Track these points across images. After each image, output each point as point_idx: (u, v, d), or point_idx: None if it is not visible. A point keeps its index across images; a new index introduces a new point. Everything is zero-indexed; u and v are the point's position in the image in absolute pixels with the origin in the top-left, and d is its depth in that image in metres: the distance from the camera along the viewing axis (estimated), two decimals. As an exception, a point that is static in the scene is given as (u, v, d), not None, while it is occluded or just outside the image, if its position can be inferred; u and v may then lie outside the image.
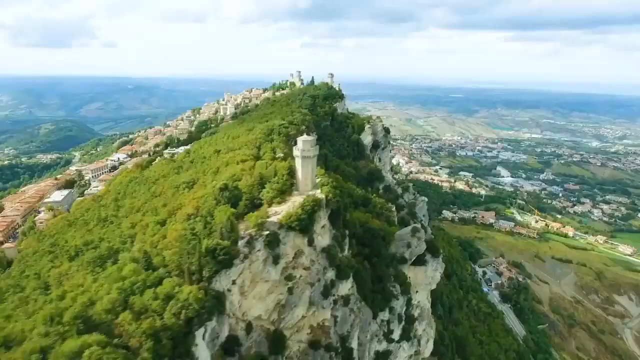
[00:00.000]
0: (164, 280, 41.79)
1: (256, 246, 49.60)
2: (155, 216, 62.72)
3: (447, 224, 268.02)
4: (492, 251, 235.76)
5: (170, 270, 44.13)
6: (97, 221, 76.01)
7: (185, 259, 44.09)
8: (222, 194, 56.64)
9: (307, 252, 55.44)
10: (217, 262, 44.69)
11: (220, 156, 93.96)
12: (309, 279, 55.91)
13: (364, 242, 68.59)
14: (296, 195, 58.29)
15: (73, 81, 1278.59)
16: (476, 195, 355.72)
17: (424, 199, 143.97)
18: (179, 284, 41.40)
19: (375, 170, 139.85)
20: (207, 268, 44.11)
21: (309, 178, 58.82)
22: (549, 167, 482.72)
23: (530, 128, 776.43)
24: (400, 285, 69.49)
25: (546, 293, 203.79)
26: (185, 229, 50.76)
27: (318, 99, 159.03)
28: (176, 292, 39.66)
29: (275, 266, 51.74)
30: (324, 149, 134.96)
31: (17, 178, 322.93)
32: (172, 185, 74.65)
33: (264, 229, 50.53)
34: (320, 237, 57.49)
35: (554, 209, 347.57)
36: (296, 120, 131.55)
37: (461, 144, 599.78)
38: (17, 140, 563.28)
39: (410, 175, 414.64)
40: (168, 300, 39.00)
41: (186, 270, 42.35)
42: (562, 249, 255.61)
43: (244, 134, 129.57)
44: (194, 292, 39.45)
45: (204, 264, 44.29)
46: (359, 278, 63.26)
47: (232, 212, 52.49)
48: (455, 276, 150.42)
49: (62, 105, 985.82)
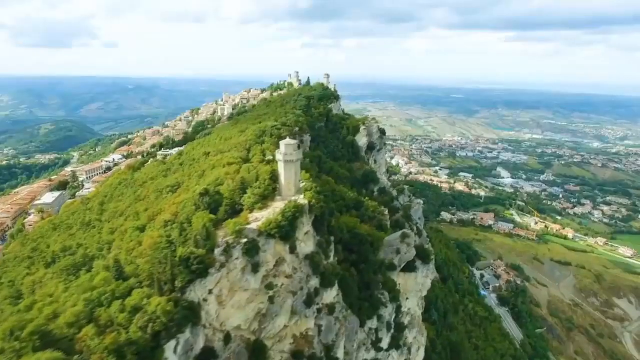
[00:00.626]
0: (133, 291, 40.15)
1: (234, 254, 47.83)
2: (136, 221, 61.05)
3: (446, 226, 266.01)
4: (490, 253, 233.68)
5: (142, 280, 42.48)
6: (80, 225, 74.39)
7: (156, 268, 42.41)
8: (202, 199, 54.96)
9: (288, 260, 53.66)
10: (191, 271, 42.97)
11: (208, 158, 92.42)
12: (291, 287, 54.11)
13: (351, 248, 66.79)
14: (279, 201, 56.53)
15: (73, 81, 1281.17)
16: (475, 196, 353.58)
17: (419, 202, 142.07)
18: (149, 295, 39.70)
19: (369, 172, 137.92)
20: (179, 278, 42.41)
21: (292, 183, 57.05)
22: (549, 167, 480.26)
23: (531, 128, 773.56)
24: (388, 293, 67.66)
25: (544, 296, 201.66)
26: (161, 236, 49.06)
27: (313, 99, 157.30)
28: (144, 304, 37.97)
29: (254, 274, 49.98)
30: (317, 151, 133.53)
31: (14, 178, 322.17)
32: (156, 189, 72.89)
33: (242, 236, 48.76)
34: (303, 243, 55.73)
35: (554, 210, 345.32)
36: (289, 122, 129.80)
37: (461, 145, 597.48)
38: (17, 140, 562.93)
39: (410, 176, 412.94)
40: (135, 313, 37.34)
41: (156, 280, 40.59)
42: (561, 251, 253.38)
43: (235, 136, 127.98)
44: (162, 304, 37.73)
45: (176, 273, 42.60)
46: (345, 285, 61.46)
47: (209, 219, 50.84)
48: (452, 279, 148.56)
49: (63, 105, 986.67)
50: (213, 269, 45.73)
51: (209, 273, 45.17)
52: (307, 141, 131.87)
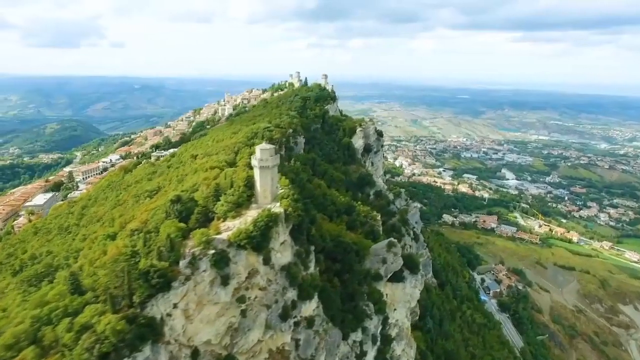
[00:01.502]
0: (86, 307, 37.68)
1: (201, 266, 45.32)
2: (109, 228, 58.67)
3: (447, 229, 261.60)
4: (492, 257, 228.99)
5: (99, 295, 40.02)
6: (58, 230, 72.16)
7: (113, 282, 39.93)
8: (173, 207, 52.45)
9: (262, 272, 51.02)
10: (150, 286, 40.45)
11: (194, 162, 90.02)
12: (265, 301, 51.49)
13: (335, 257, 63.98)
14: (254, 209, 53.89)
15: (81, 81, 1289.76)
16: (479, 198, 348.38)
17: (416, 205, 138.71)
18: (102, 312, 37.22)
19: (365, 175, 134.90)
20: (138, 293, 39.89)
21: (269, 190, 54.34)
22: (555, 169, 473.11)
23: (538, 130, 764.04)
24: (374, 304, 64.73)
25: (547, 302, 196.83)
26: (126, 246, 46.68)
27: (309, 100, 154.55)
28: (94, 323, 35.46)
29: (224, 287, 47.45)
30: (312, 153, 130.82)
31: (17, 178, 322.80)
32: (136, 194, 70.51)
33: (211, 247, 46.22)
34: (279, 254, 53.04)
35: (559, 213, 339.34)
36: (283, 124, 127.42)
37: (466, 146, 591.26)
38: (23, 139, 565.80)
39: (413, 177, 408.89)
40: (84, 332, 34.86)
41: (109, 296, 38.04)
42: (565, 255, 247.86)
43: (228, 137, 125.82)
44: (112, 323, 35.21)
45: (135, 288, 40.10)
46: (326, 297, 58.66)
47: (178, 228, 48.42)
48: (450, 285, 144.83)
49: (70, 104, 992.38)
50: (177, 282, 43.27)
51: (172, 287, 42.70)
52: (301, 143, 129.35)
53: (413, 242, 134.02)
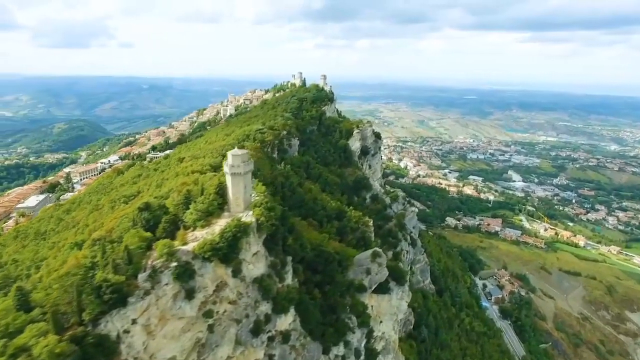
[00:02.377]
0: (28, 326, 35.09)
1: (162, 279, 42.66)
2: (79, 235, 56.30)
3: (450, 232, 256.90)
4: (494, 262, 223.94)
5: (47, 312, 37.44)
6: (35, 235, 70.04)
7: (62, 297, 37.38)
8: (140, 215, 49.89)
9: (232, 284, 48.27)
10: (102, 302, 37.80)
11: (179, 165, 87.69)
12: (235, 315, 48.75)
13: (316, 267, 61.01)
14: (226, 218, 51.13)
15: (90, 81, 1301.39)
16: (484, 200, 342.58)
17: (414, 210, 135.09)
18: (46, 332, 34.62)
19: (362, 178, 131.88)
20: (88, 309, 37.28)
21: (241, 198, 51.52)
22: (563, 171, 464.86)
23: (546, 131, 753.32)
24: (357, 317, 61.66)
25: (551, 308, 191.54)
26: (86, 257, 44.20)
27: (306, 102, 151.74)
28: (32, 345, 32.87)
29: (189, 301, 44.76)
30: (306, 156, 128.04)
31: (22, 177, 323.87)
32: (113, 199, 68.15)
33: (173, 260, 43.52)
34: (251, 265, 50.27)
35: (566, 216, 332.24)
36: (277, 125, 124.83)
37: (473, 147, 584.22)
38: (31, 139, 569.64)
39: (418, 179, 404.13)
40: (19, 355, 32.28)
41: (51, 314, 35.44)
42: (571, 260, 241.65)
43: (220, 139, 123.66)
44: (51, 345, 32.59)
45: (85, 304, 37.51)
46: (304, 310, 55.74)
47: (142, 238, 45.84)
48: (448, 292, 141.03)
49: (79, 104, 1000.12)
50: (134, 297, 40.61)
51: (128, 302, 40.07)
52: (295, 145, 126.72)
53: (410, 248, 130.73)
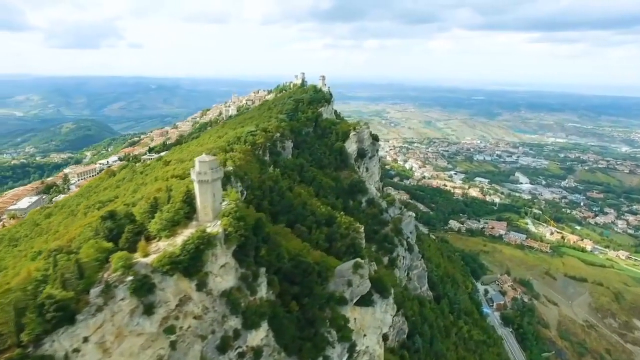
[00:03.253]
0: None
1: (117, 294, 40.07)
2: (44, 244, 54.04)
3: (453, 235, 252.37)
4: (497, 267, 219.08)
5: (-13, 330, 35.08)
6: (8, 241, 68.07)
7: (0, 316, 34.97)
8: (104, 224, 47.48)
9: (196, 298, 45.60)
10: (45, 320, 35.30)
11: (164, 168, 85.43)
12: (200, 331, 46.08)
13: (293, 279, 58.12)
14: (193, 228, 48.49)
15: (99, 81, 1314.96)
16: (489, 203, 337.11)
17: (411, 214, 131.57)
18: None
19: (357, 182, 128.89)
20: (28, 329, 34.80)
21: (209, 207, 48.85)
22: (571, 173, 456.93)
23: (555, 132, 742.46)
24: (337, 330, 58.66)
25: (554, 316, 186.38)
26: (39, 269, 41.80)
27: (302, 103, 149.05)
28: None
29: (149, 317, 42.15)
30: (300, 158, 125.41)
31: (27, 177, 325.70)
32: (89, 204, 65.95)
33: (130, 273, 40.96)
34: (219, 278, 47.59)
35: (574, 220, 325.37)
36: (270, 127, 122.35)
37: (480, 148, 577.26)
38: (40, 138, 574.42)
39: (423, 181, 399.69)
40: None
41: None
42: (577, 265, 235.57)
43: (211, 141, 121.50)
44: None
45: (26, 323, 35.05)
46: (278, 324, 52.90)
47: (101, 249, 43.32)
48: (446, 298, 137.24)
49: (88, 104, 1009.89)
50: (84, 314, 38.07)
51: (77, 320, 37.55)
52: (289, 148, 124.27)
53: (407, 253, 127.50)
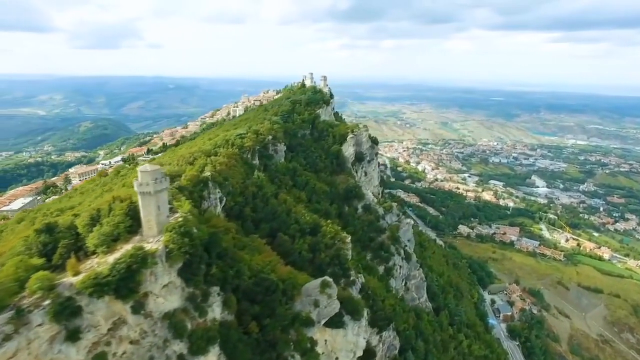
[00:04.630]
0: None
1: (33, 320, 36.22)
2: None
3: (462, 241, 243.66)
4: (506, 275, 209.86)
5: None
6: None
7: None
8: (38, 238, 43.83)
9: (132, 322, 41.49)
10: None
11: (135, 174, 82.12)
12: (137, 357, 41.99)
13: (254, 297, 53.56)
14: (136, 242, 44.46)
15: (119, 81, 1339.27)
16: (502, 207, 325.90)
17: (409, 222, 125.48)
18: None
19: (353, 187, 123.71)
20: None
21: (153, 220, 44.71)
22: (591, 177, 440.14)
23: (576, 134, 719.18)
24: (302, 354, 53.89)
25: (566, 329, 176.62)
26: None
27: (300, 104, 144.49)
28: None
29: (74, 343, 38.25)
30: (293, 162, 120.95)
31: (41, 176, 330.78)
32: (47, 211, 62.71)
33: (50, 295, 37.07)
34: (161, 299, 43.42)
35: (592, 226, 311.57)
36: (262, 130, 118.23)
37: (496, 150, 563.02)
38: (58, 137, 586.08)
39: (435, 183, 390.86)
40: None
41: None
42: (593, 274, 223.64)
43: (200, 144, 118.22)
44: None
45: None
46: (232, 348, 48.46)
47: (27, 267, 39.57)
48: (447, 310, 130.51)
49: (107, 104, 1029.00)
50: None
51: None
52: (281, 151, 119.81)
53: (404, 262, 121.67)
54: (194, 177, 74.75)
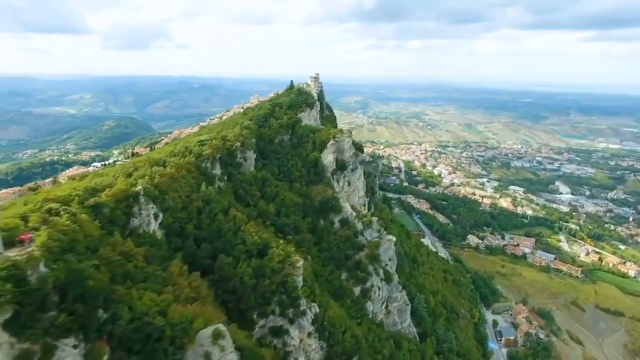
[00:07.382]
0: None
1: None
2: None
3: (469, 253, 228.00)
4: (514, 293, 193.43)
5: None
6: None
7: None
8: None
9: None
10: None
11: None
12: None
13: (133, 347, 44.43)
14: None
15: (147, 80, 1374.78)
16: (519, 215, 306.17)
17: (391, 238, 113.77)
18: None
19: (330, 199, 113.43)
20: None
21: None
22: (622, 183, 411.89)
23: (607, 137, 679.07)
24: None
25: (578, 357, 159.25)
26: None
27: (281, 107, 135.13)
28: None
29: None
30: (263, 171, 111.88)
31: (56, 174, 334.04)
32: None
33: None
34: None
35: (618, 238, 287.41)
36: (230, 135, 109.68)
37: (519, 154, 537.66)
38: (82, 136, 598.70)
39: (450, 188, 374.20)
40: None
41: None
42: (613, 294, 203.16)
43: (164, 151, 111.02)
44: None
45: None
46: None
47: None
48: (434, 335, 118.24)
49: (134, 103, 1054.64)
50: None
51: None
52: (251, 159, 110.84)
53: (384, 284, 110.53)
54: (119, 192, 66.67)
